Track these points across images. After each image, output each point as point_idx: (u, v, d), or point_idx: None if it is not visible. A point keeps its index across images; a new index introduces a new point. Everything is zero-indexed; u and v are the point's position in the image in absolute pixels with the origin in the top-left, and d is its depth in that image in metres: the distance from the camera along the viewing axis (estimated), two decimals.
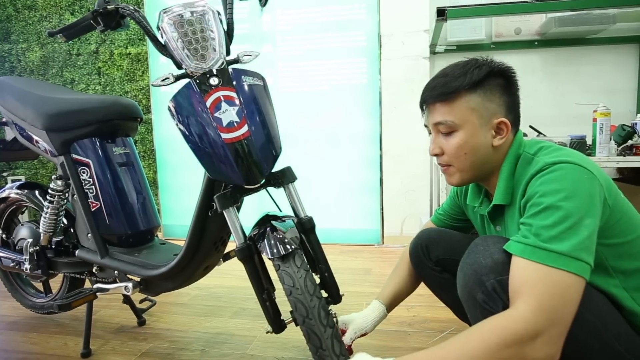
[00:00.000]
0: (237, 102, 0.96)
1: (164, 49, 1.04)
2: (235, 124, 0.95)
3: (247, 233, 1.04)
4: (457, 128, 0.84)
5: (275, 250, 0.93)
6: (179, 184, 2.97)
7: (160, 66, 2.90)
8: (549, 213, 0.70)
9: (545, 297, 0.65)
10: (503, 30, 2.49)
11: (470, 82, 0.82)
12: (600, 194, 0.72)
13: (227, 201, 1.00)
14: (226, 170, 0.95)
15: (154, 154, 3.00)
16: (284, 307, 1.02)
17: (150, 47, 2.90)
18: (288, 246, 0.94)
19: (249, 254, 1.00)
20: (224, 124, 0.94)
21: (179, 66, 1.03)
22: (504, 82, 0.85)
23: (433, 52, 2.57)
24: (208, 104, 0.94)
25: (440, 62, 2.62)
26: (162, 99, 2.94)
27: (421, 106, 0.91)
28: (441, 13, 1.93)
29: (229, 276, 2.09)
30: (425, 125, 0.92)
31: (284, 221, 1.04)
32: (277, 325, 1.03)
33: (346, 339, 1.04)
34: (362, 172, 2.69)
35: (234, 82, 0.98)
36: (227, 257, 1.33)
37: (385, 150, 2.61)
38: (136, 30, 2.94)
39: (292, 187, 1.09)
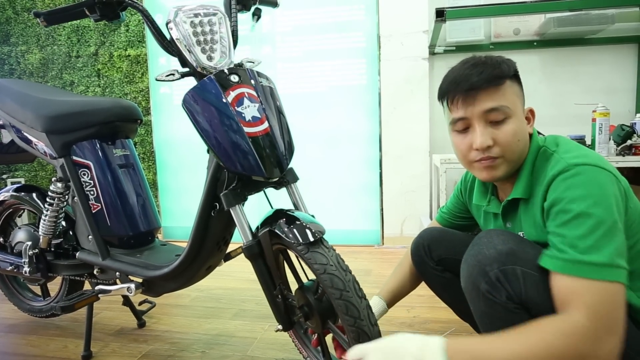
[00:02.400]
0: (257, 99, 1.00)
1: (169, 45, 1.04)
2: (257, 119, 0.98)
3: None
4: (511, 114, 0.81)
5: (305, 236, 0.93)
6: (178, 185, 2.97)
7: (159, 68, 2.91)
8: (580, 221, 0.69)
9: (596, 305, 0.65)
10: (502, 31, 2.50)
11: (512, 71, 0.82)
12: (622, 195, 0.73)
13: (233, 199, 1.01)
14: (248, 163, 0.97)
15: (153, 156, 3.00)
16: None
17: (150, 48, 2.90)
18: (317, 232, 0.94)
19: (258, 251, 1.01)
20: (247, 118, 0.97)
21: (184, 64, 1.03)
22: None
23: (432, 53, 2.57)
24: (230, 99, 0.97)
25: (440, 63, 2.62)
26: (161, 101, 2.94)
27: (454, 98, 0.83)
28: (440, 14, 1.94)
29: (229, 277, 2.09)
30: (455, 121, 0.84)
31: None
32: (288, 322, 1.04)
33: None
34: (362, 173, 2.69)
35: (252, 81, 1.01)
36: (228, 257, 1.33)
37: (385, 151, 2.61)
38: (135, 32, 2.94)
39: (294, 187, 1.13)
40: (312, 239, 0.92)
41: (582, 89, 2.46)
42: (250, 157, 0.96)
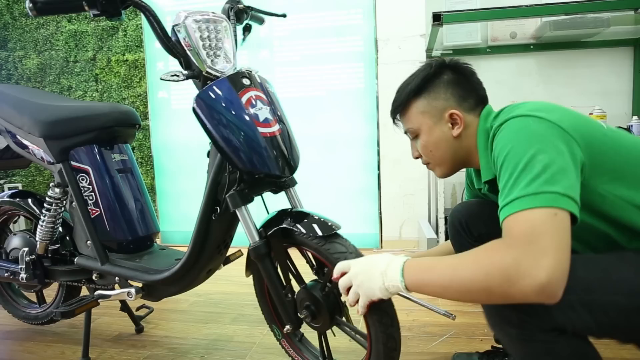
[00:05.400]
0: (267, 102, 1.05)
1: (174, 46, 1.04)
2: (269, 120, 1.03)
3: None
4: (418, 132, 0.95)
5: (324, 229, 0.98)
6: (176, 190, 2.97)
7: (157, 72, 2.91)
8: (504, 170, 0.72)
9: (529, 227, 0.65)
10: (499, 35, 2.51)
11: (412, 90, 0.94)
12: (557, 130, 0.72)
13: (240, 200, 1.03)
14: (263, 161, 1.00)
15: (151, 161, 3.00)
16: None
17: (148, 53, 2.91)
18: (334, 225, 1.00)
19: (266, 251, 1.02)
20: (260, 119, 1.01)
21: (187, 66, 1.05)
22: (449, 77, 0.92)
23: (429, 57, 2.58)
24: (243, 100, 1.00)
25: None
26: (159, 106, 2.94)
27: (393, 120, 1.02)
28: (437, 18, 1.95)
29: (228, 282, 2.08)
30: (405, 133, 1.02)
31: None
32: (298, 322, 1.05)
33: None
34: (360, 177, 2.69)
35: (261, 86, 1.06)
36: (227, 260, 1.33)
37: (383, 154, 2.61)
38: (133, 37, 2.95)
39: (293, 191, 1.16)
40: (330, 232, 0.97)
41: (578, 92, 2.47)
42: (265, 155, 1.00)
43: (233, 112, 0.99)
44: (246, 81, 1.03)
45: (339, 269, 0.87)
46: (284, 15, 1.35)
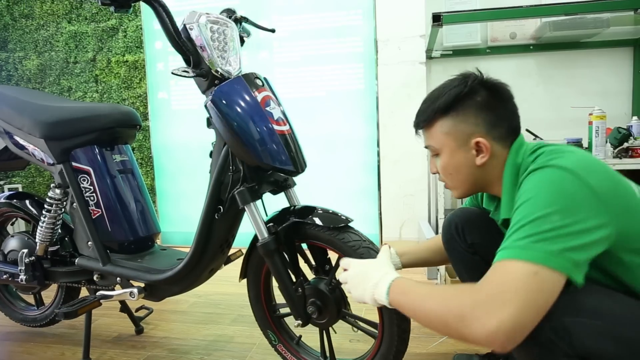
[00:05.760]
0: (277, 103, 1.09)
1: (183, 43, 1.04)
2: (281, 120, 1.06)
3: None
4: (439, 151, 0.89)
5: (337, 221, 1.02)
6: (177, 190, 2.96)
7: (157, 73, 2.91)
8: (516, 213, 0.71)
9: (495, 278, 0.67)
10: (498, 35, 2.51)
11: (440, 107, 0.85)
12: (590, 196, 0.68)
13: (250, 196, 1.05)
14: (279, 156, 1.03)
15: (151, 161, 3.00)
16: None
17: (148, 54, 2.91)
18: (346, 217, 1.04)
19: (275, 247, 1.03)
20: (275, 118, 1.05)
21: (196, 65, 1.07)
22: (483, 98, 0.84)
23: (429, 57, 2.58)
24: (259, 99, 1.04)
25: (437, 67, 2.63)
26: (159, 106, 2.94)
27: (416, 131, 0.96)
28: (437, 19, 1.95)
29: (228, 283, 2.08)
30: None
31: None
32: (307, 317, 1.06)
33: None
34: (360, 177, 2.69)
35: (270, 88, 1.11)
36: (227, 260, 1.34)
37: (383, 155, 2.61)
38: (133, 38, 2.95)
39: (292, 192, 1.18)
40: (343, 223, 1.01)
41: (578, 92, 2.47)
42: (281, 151, 1.03)
43: (251, 109, 1.02)
44: (259, 82, 1.08)
45: (343, 264, 0.94)
46: (272, 31, 1.37)
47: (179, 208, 2.97)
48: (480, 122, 0.84)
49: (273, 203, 1.20)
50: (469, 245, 1.07)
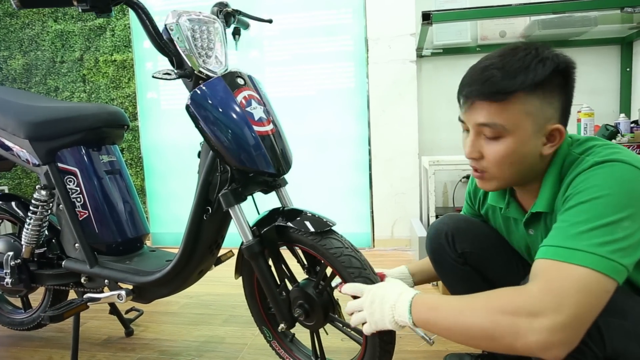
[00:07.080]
0: (261, 102, 1.05)
1: (165, 45, 1.03)
2: (264, 120, 1.03)
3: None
4: (506, 134, 0.73)
5: (319, 225, 0.98)
6: (167, 191, 2.94)
7: (146, 73, 2.88)
8: (581, 209, 0.65)
9: (555, 281, 0.61)
10: (488, 33, 2.53)
11: (532, 82, 0.70)
12: None
13: (234, 199, 1.03)
14: (258, 159, 1.00)
15: (141, 162, 2.97)
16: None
17: (137, 53, 2.87)
18: (329, 221, 1.00)
19: (259, 250, 1.02)
20: (255, 118, 1.01)
21: (179, 66, 1.05)
22: (563, 81, 0.75)
23: (420, 56, 2.59)
24: (238, 99, 1.01)
25: (427, 66, 2.64)
26: (149, 106, 2.91)
27: (460, 98, 0.78)
28: (426, 17, 1.95)
29: (219, 283, 2.07)
30: (461, 120, 0.80)
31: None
32: (292, 320, 1.05)
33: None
34: (352, 176, 2.69)
35: (254, 86, 1.07)
36: (218, 261, 1.33)
37: (374, 153, 2.62)
38: (121, 37, 2.91)
39: (283, 191, 1.16)
40: (326, 228, 0.97)
41: None
42: (261, 153, 1.00)
43: (229, 111, 0.99)
44: (240, 81, 1.04)
45: (349, 291, 0.88)
46: (270, 21, 1.35)
47: (170, 209, 2.95)
48: (559, 107, 0.74)
49: (268, 202, 1.19)
50: (459, 254, 1.02)
